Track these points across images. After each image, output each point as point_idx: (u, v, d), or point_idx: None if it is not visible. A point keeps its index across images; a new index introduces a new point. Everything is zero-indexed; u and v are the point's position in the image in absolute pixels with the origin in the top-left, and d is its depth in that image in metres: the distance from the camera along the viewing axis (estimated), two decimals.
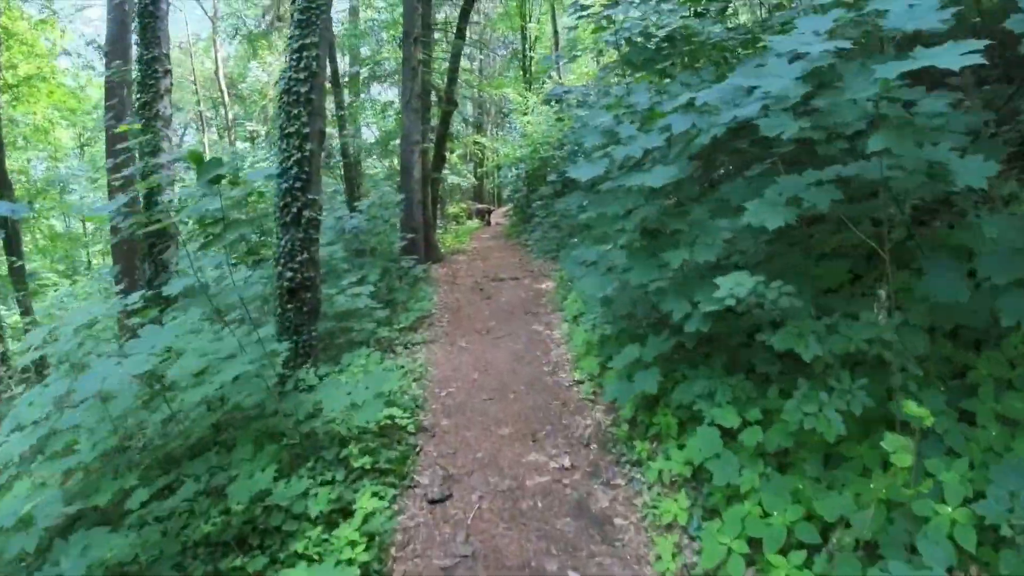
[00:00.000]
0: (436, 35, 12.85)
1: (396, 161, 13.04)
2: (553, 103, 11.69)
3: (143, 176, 7.66)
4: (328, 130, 14.83)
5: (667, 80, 4.89)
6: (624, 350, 3.30)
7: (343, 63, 17.16)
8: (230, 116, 22.60)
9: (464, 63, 18.60)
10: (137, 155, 7.63)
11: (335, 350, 5.52)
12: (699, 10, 5.11)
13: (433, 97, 12.90)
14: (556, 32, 19.23)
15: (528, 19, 20.48)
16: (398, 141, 11.88)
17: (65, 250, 18.00)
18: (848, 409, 2.33)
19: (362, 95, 16.71)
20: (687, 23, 4.74)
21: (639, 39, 4.87)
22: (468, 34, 14.46)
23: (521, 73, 21.07)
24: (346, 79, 14.08)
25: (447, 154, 14.78)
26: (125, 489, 3.25)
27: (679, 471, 3.07)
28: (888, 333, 2.40)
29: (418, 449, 3.88)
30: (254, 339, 4.40)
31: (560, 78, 17.17)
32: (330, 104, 13.22)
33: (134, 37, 7.00)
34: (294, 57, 4.60)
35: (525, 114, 15.94)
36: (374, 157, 15.66)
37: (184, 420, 4.41)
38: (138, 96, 7.61)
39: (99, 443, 3.67)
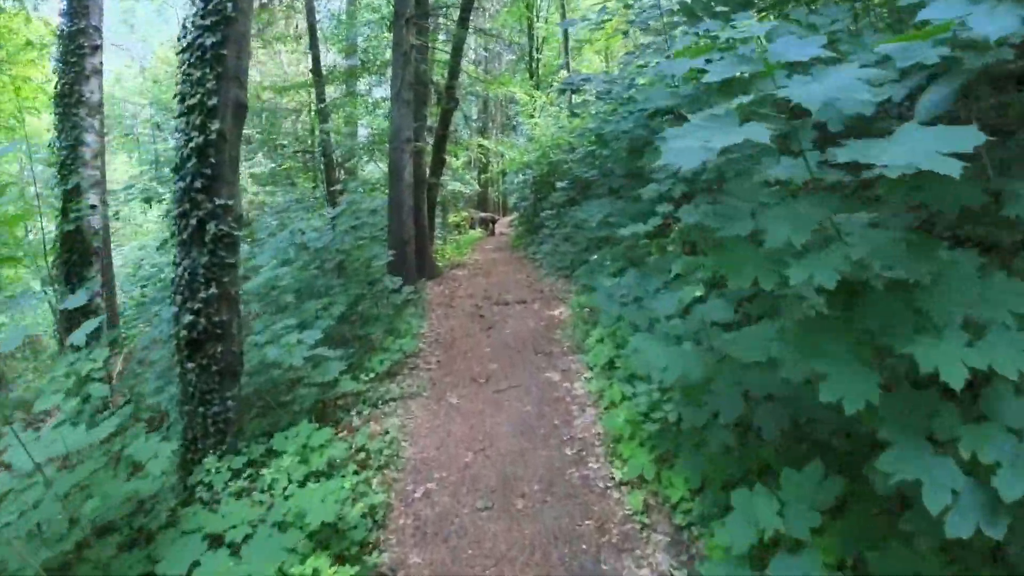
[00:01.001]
0: (437, 22, 11.40)
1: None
2: (567, 94, 10.20)
3: (60, 175, 6.23)
4: (316, 131, 13.39)
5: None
6: (738, 500, 1.70)
7: (335, 57, 15.77)
8: None
9: (468, 66, 17.16)
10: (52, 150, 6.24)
11: (272, 418, 3.96)
12: None
13: (433, 97, 11.46)
14: (566, 31, 17.84)
15: (536, 18, 19.12)
16: None
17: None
18: None
19: (360, 95, 15.29)
20: None
21: None
22: (473, 25, 13.02)
23: (528, 76, 19.71)
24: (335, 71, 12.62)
25: (447, 157, 13.32)
26: None
27: None
28: None
29: None
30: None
31: (569, 71, 15.81)
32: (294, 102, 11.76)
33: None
34: None
35: (532, 115, 14.54)
36: (367, 159, 14.18)
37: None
38: (58, 77, 6.20)
39: None
